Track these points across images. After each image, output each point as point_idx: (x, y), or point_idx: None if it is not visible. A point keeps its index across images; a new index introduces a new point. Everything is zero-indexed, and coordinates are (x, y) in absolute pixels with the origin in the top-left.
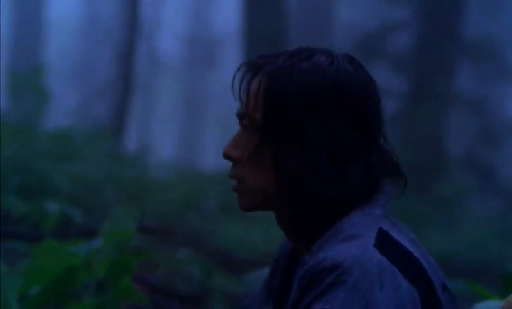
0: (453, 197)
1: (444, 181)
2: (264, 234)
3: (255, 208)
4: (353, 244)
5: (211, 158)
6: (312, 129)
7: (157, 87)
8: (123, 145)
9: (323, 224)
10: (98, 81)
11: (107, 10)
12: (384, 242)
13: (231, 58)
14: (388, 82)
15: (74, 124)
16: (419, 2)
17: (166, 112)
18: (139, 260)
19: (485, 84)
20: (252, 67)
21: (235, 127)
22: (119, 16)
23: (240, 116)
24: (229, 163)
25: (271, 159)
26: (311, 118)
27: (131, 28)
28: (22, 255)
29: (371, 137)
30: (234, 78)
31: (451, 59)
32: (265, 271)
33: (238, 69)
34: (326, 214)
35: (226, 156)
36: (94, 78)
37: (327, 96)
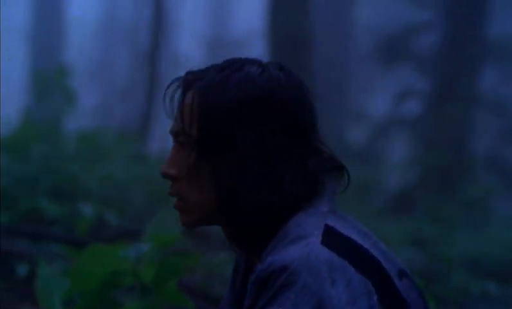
0: (479, 198)
1: (469, 182)
2: None
3: (197, 225)
4: (300, 244)
5: None
6: (243, 139)
7: None
8: (147, 146)
9: (268, 232)
10: (119, 81)
11: (129, 10)
12: (332, 238)
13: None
14: (413, 82)
15: (96, 125)
16: (443, 3)
17: None
18: (186, 263)
19: (509, 84)
20: (183, 83)
21: None
22: (142, 16)
23: (175, 133)
24: None
25: (209, 175)
26: (243, 128)
27: (154, 28)
28: (57, 257)
29: (305, 141)
30: (165, 95)
31: (476, 60)
32: None
33: (168, 87)
34: (268, 222)
35: (165, 175)
36: (116, 78)
37: (256, 105)
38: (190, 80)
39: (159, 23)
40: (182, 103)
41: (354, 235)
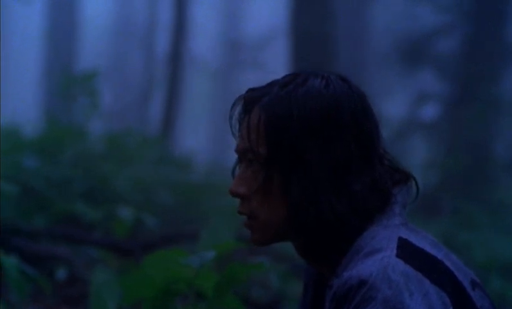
0: (506, 201)
1: (491, 185)
2: None
3: (269, 242)
4: (375, 258)
5: None
6: (312, 152)
7: (198, 89)
8: (169, 148)
9: (341, 245)
10: (133, 83)
11: (142, 12)
12: (406, 250)
13: (273, 59)
14: (433, 85)
15: (116, 127)
16: (463, 6)
17: (208, 115)
18: (250, 272)
19: None
20: (246, 101)
21: None
22: (155, 18)
23: (242, 152)
24: None
25: (280, 191)
26: (311, 141)
27: (173, 30)
28: (96, 261)
29: (372, 151)
30: (231, 115)
31: (496, 62)
32: None
33: (232, 107)
34: (340, 232)
35: (234, 193)
36: (130, 79)
37: (327, 118)
38: (254, 97)
39: (178, 24)
40: (247, 121)
41: (427, 247)
